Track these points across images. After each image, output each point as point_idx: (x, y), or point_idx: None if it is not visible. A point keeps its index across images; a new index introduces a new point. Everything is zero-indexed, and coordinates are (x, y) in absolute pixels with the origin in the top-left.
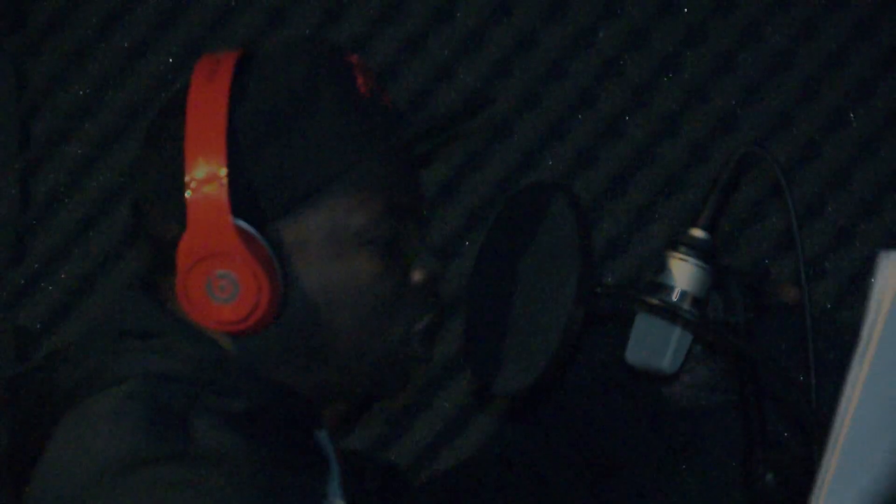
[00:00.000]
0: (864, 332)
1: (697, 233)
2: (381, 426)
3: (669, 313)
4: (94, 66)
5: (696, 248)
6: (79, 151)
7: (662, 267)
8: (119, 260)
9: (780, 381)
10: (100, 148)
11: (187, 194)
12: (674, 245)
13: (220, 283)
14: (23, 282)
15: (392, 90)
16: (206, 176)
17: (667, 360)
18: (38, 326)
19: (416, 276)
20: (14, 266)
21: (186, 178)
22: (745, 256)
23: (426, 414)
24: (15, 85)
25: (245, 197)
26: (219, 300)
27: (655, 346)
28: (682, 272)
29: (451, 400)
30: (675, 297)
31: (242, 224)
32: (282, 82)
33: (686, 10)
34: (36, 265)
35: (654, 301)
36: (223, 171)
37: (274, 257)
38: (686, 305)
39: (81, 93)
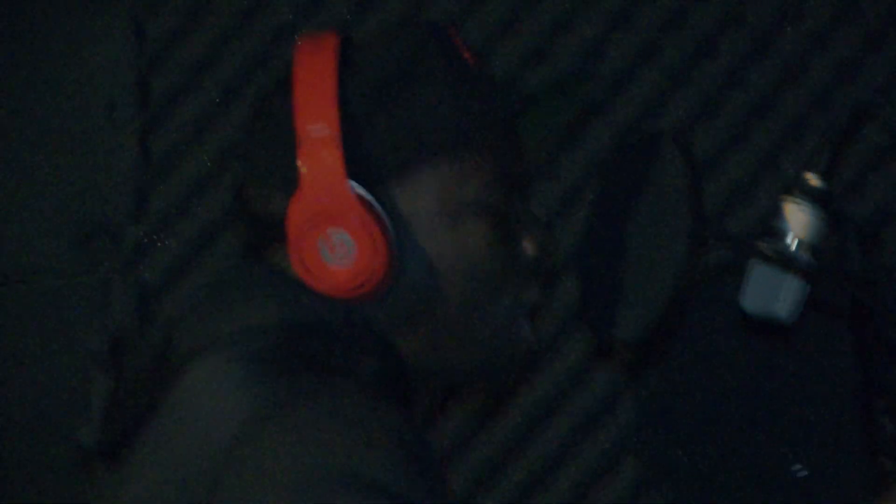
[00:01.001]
0: None
1: (813, 179)
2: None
3: (785, 261)
4: (212, 21)
5: (811, 195)
6: (198, 108)
7: (778, 214)
8: (238, 216)
9: None
10: (218, 104)
11: (299, 155)
12: (789, 190)
13: (334, 244)
14: (144, 238)
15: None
16: (317, 136)
17: (783, 309)
18: (160, 282)
19: (528, 248)
20: (135, 222)
21: (298, 141)
22: (865, 206)
23: (543, 374)
24: (134, 42)
25: (358, 160)
26: (334, 262)
27: (772, 294)
28: (798, 219)
29: (567, 359)
30: (790, 244)
31: (356, 186)
32: (389, 52)
33: None
34: (156, 221)
35: (769, 249)
36: (336, 132)
37: (389, 221)
38: (802, 253)
39: (200, 49)
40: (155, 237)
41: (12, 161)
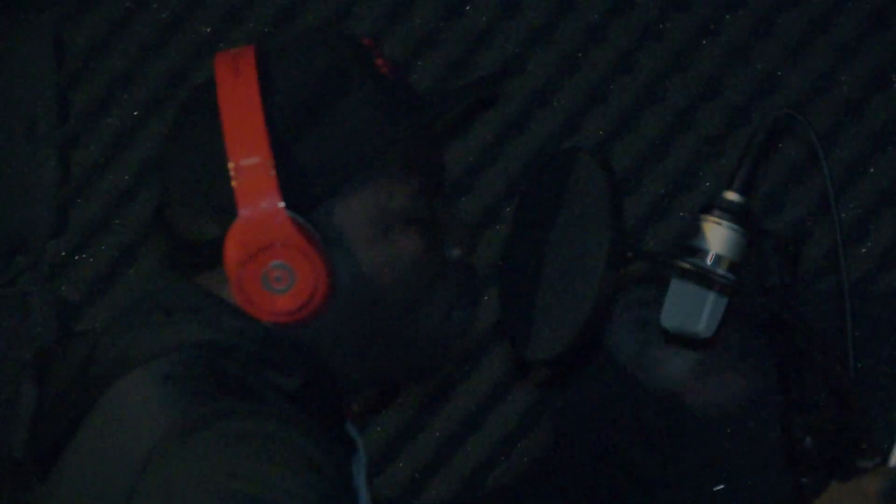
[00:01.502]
0: None
1: (731, 195)
2: (422, 396)
3: (703, 277)
4: (133, 36)
5: (730, 211)
6: (118, 123)
7: (697, 231)
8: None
9: (817, 346)
10: (139, 119)
11: (234, 187)
12: (708, 208)
13: (275, 273)
14: (64, 253)
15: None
16: (252, 166)
17: (702, 325)
18: (80, 298)
19: (454, 251)
20: (55, 238)
21: (231, 171)
22: (784, 220)
23: (465, 387)
24: (54, 56)
25: (291, 185)
26: (275, 291)
27: (691, 310)
28: (717, 235)
29: (489, 372)
30: (709, 260)
31: (293, 213)
32: (308, 69)
33: None
34: (77, 237)
35: (688, 265)
36: (269, 161)
37: (325, 244)
38: (721, 269)
39: (120, 64)
40: (74, 252)
41: None
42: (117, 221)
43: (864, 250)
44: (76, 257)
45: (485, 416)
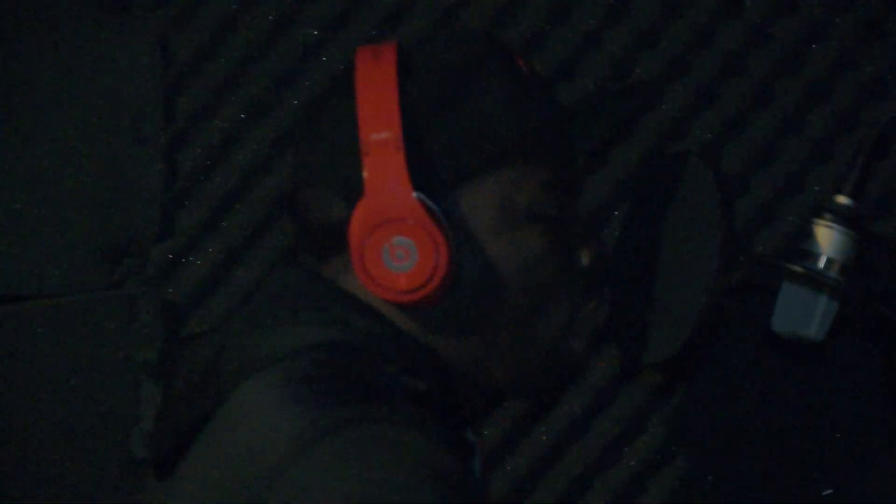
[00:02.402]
0: None
1: (842, 199)
2: (528, 404)
3: (814, 281)
4: (239, 39)
5: (840, 215)
6: (224, 125)
7: (808, 234)
8: (266, 233)
9: None
10: (245, 121)
11: (364, 161)
12: (819, 212)
13: (397, 250)
14: (170, 256)
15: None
16: (382, 141)
17: (813, 329)
18: (186, 301)
19: (584, 258)
20: (161, 241)
21: (362, 146)
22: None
23: (572, 389)
24: (160, 59)
25: (420, 167)
26: (396, 268)
27: (802, 314)
28: (827, 239)
29: (596, 376)
30: (820, 264)
31: (419, 192)
32: (446, 60)
33: None
34: (183, 240)
35: (799, 269)
36: (400, 137)
37: (449, 227)
38: (832, 273)
39: (226, 66)
40: (181, 255)
41: (38, 178)
42: (223, 224)
43: None
44: (182, 260)
45: (591, 421)
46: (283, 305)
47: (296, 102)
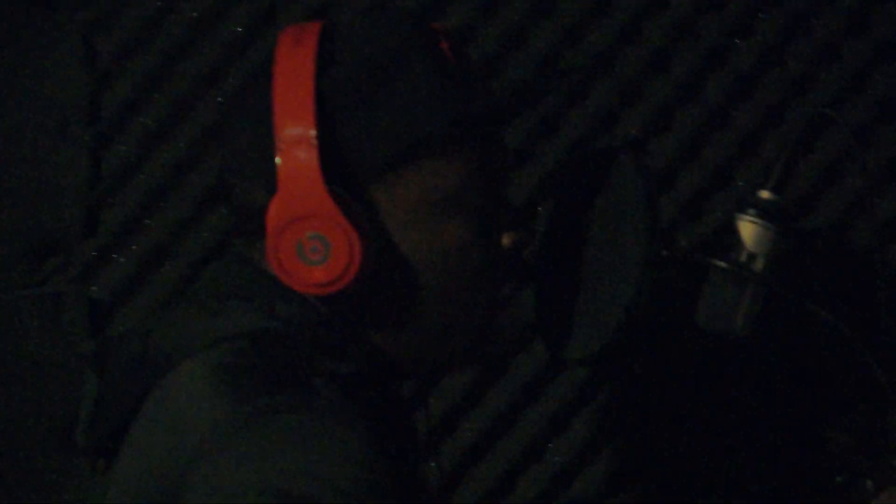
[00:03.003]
0: None
1: (766, 194)
2: (455, 397)
3: (738, 275)
4: (164, 37)
5: (764, 210)
6: (149, 122)
7: (733, 229)
8: (191, 230)
9: (852, 345)
10: (170, 119)
11: (277, 157)
12: (743, 207)
13: (311, 244)
14: (95, 254)
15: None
16: (295, 138)
17: (738, 324)
18: (111, 298)
19: (506, 240)
20: (86, 238)
21: (276, 141)
22: (820, 219)
23: (500, 382)
24: (85, 57)
25: (336, 159)
26: (310, 262)
27: (726, 309)
28: (751, 234)
29: (524, 369)
30: (744, 258)
31: (334, 186)
32: (369, 46)
33: None
34: (108, 237)
35: (723, 263)
36: (313, 133)
37: (366, 220)
38: (756, 267)
39: (151, 64)
40: (106, 252)
41: None
42: (148, 221)
43: None
44: (108, 257)
45: (516, 416)
46: (211, 294)
47: (220, 100)
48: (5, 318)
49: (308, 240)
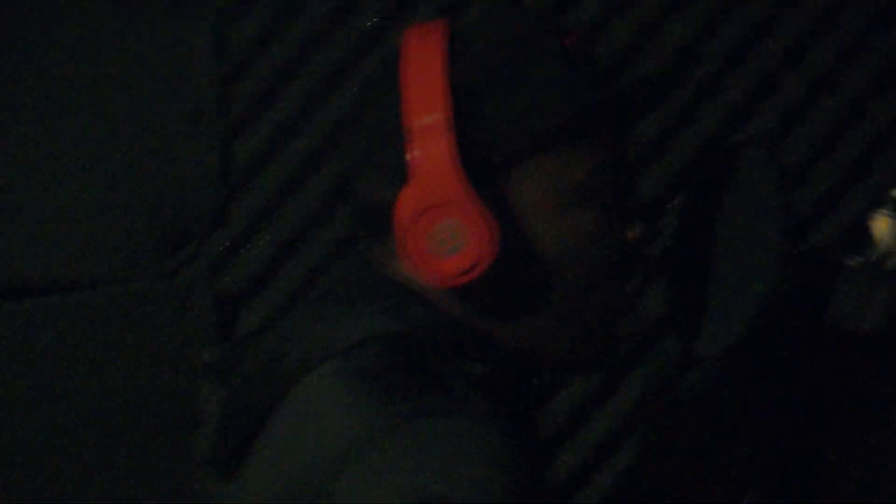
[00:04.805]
0: None
1: None
2: (586, 385)
3: (871, 273)
4: (298, 29)
5: None
6: (281, 116)
7: (866, 226)
8: (321, 224)
9: None
10: (301, 111)
11: (410, 145)
12: (878, 204)
13: (443, 234)
14: (226, 246)
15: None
16: (429, 126)
17: (869, 320)
18: (241, 291)
19: (630, 234)
20: (217, 230)
21: (408, 130)
22: None
23: (632, 376)
24: (216, 49)
25: (469, 149)
26: (443, 253)
27: (858, 306)
28: (886, 232)
29: (656, 363)
30: (877, 256)
31: (467, 175)
32: (497, 39)
33: None
34: (238, 230)
35: (856, 261)
36: (446, 121)
37: (498, 209)
38: (889, 265)
39: (284, 56)
40: (236, 245)
41: (97, 167)
42: (279, 215)
43: None
44: (238, 250)
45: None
46: (340, 297)
47: (354, 92)
48: (135, 308)
49: (441, 230)
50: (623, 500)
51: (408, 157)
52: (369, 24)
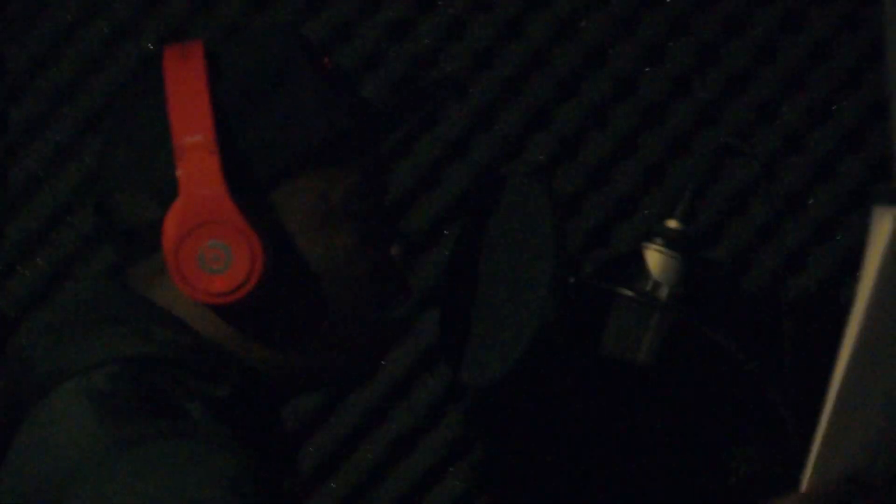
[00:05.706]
0: (857, 293)
1: (672, 223)
2: (357, 418)
3: (644, 304)
4: (74, 50)
5: (670, 239)
6: (57, 137)
7: (639, 258)
8: (98, 246)
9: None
10: (79, 133)
11: (177, 164)
12: (650, 236)
13: (212, 252)
14: (0, 268)
15: (374, 78)
16: (195, 144)
17: (642, 352)
18: (15, 313)
19: (393, 251)
20: None
21: (176, 149)
22: (727, 248)
23: (402, 406)
24: None
25: (234, 168)
26: (211, 271)
27: (631, 337)
28: (658, 263)
29: (428, 392)
30: (650, 287)
31: (234, 193)
32: (254, 57)
33: (670, 0)
34: (13, 251)
35: (629, 292)
36: (213, 140)
37: (265, 228)
38: (661, 296)
39: (61, 78)
40: (11, 266)
41: None
42: (54, 236)
43: (804, 279)
44: (13, 272)
45: (417, 440)
46: (85, 318)
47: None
48: None
49: (209, 248)
50: None
51: (177, 175)
52: (148, 46)
